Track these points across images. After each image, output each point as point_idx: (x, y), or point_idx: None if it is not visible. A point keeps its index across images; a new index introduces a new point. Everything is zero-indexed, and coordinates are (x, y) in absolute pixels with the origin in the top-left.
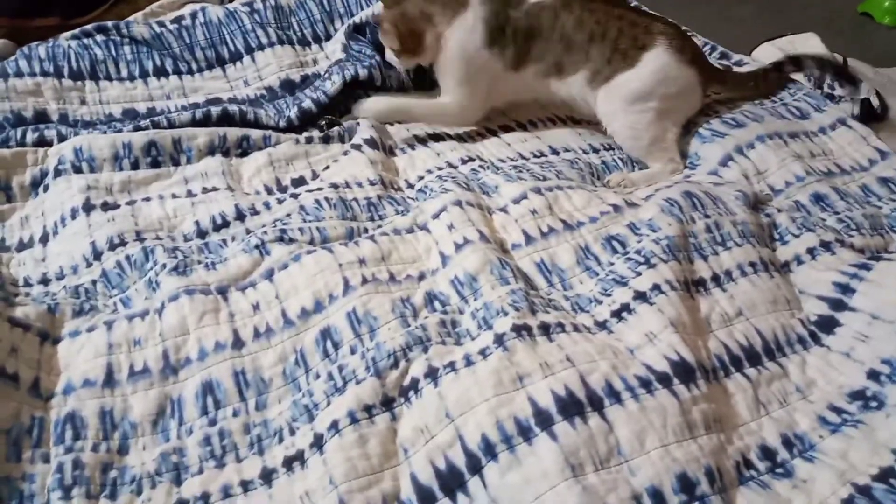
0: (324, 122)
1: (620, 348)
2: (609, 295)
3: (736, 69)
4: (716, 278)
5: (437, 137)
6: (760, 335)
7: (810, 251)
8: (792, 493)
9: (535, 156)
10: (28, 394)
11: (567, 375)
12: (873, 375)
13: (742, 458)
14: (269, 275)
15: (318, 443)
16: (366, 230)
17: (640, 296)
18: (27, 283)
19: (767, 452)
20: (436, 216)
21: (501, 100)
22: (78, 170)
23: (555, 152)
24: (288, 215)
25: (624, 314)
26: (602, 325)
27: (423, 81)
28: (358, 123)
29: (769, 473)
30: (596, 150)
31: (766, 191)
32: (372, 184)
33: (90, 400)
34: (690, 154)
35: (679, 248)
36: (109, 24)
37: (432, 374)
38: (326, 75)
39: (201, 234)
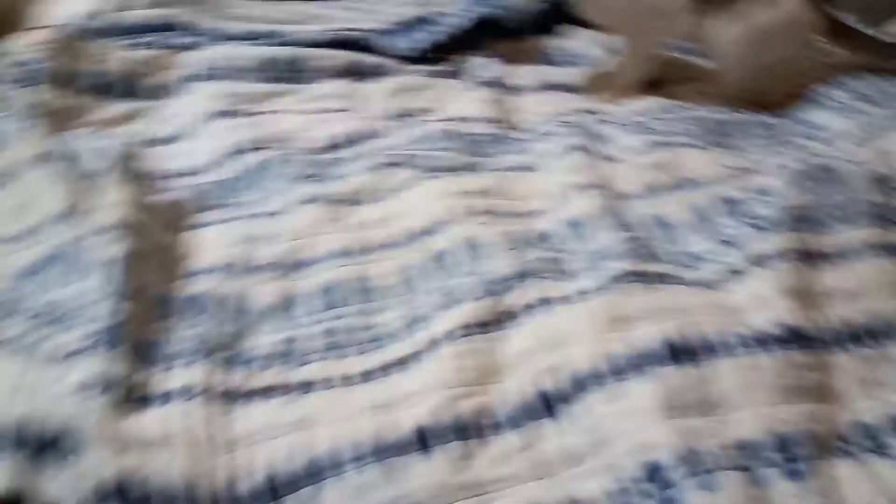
0: (449, 58)
1: (731, 307)
2: (723, 256)
3: None
4: (838, 254)
5: (562, 86)
6: (877, 316)
7: None
8: (892, 473)
9: (657, 111)
10: (169, 269)
11: (676, 323)
12: None
13: (842, 431)
14: (390, 194)
15: (426, 350)
16: (482, 165)
17: (756, 260)
18: (165, 176)
19: (869, 431)
20: (554, 157)
21: None
22: (217, 77)
23: (678, 109)
24: (410, 142)
25: (737, 276)
26: (713, 285)
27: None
28: (484, 61)
29: (868, 451)
30: (721, 111)
31: None
32: (491, 121)
33: (220, 284)
34: (821, 126)
35: (801, 219)
36: None
37: (540, 304)
38: (459, 11)
39: (327, 149)
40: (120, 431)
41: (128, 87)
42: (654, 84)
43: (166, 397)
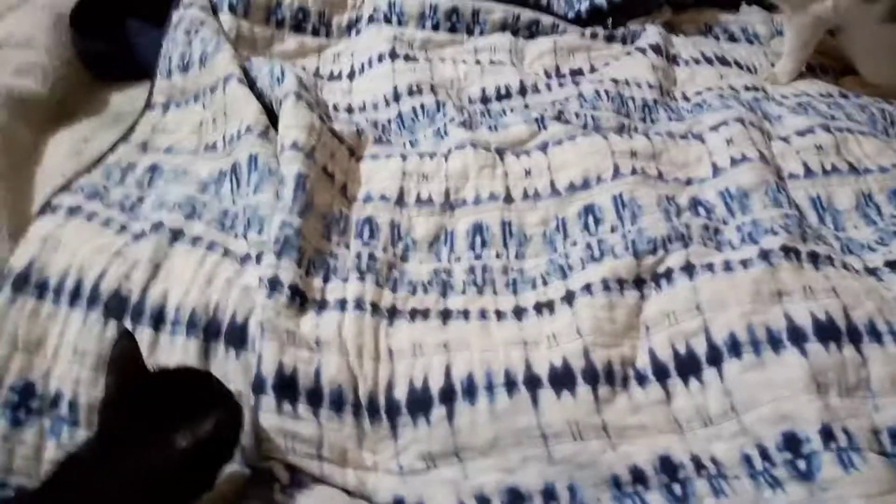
0: (609, 22)
1: (888, 296)
2: (885, 245)
3: None
4: None
5: (724, 61)
6: None
7: None
8: None
9: (822, 95)
10: (339, 192)
11: (830, 303)
12: None
13: None
14: (544, 147)
15: (569, 298)
16: (637, 128)
17: None
18: (335, 109)
19: None
20: (714, 128)
21: None
22: (388, 20)
23: (844, 96)
24: (566, 99)
25: None
26: (871, 272)
27: None
28: (644, 28)
29: None
30: (889, 102)
31: None
32: (650, 87)
33: (384, 212)
34: None
35: None
36: None
37: (689, 268)
38: None
39: (485, 99)
40: (290, 329)
41: (320, 22)
42: (817, 70)
43: (335, 305)
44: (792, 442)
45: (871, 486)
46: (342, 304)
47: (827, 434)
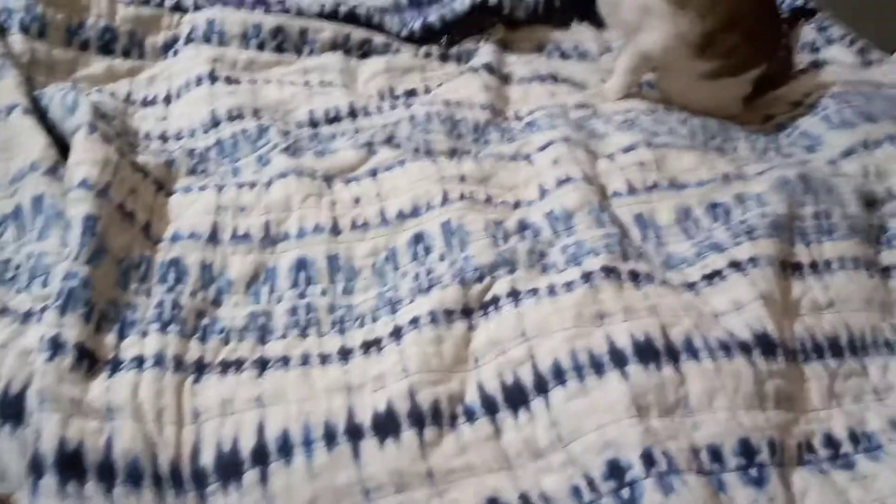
0: (444, 41)
1: (705, 311)
2: (703, 259)
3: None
4: (814, 265)
5: (556, 78)
6: (848, 329)
7: None
8: (850, 485)
9: (648, 112)
10: (140, 233)
11: (648, 323)
12: None
13: (806, 441)
14: (373, 173)
15: (396, 334)
16: (468, 151)
17: (735, 265)
18: (147, 137)
19: (831, 442)
20: (541, 149)
21: None
22: (208, 40)
23: (668, 111)
24: (397, 122)
25: (715, 279)
26: (690, 287)
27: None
28: (478, 47)
29: (829, 462)
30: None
31: (884, 193)
32: (482, 108)
33: (193, 251)
34: (814, 136)
35: (783, 228)
36: None
37: (514, 295)
38: None
39: (313, 123)
40: (75, 397)
41: (131, 43)
42: (643, 86)
43: (131, 363)
44: (615, 469)
45: None
46: (140, 361)
47: (648, 458)
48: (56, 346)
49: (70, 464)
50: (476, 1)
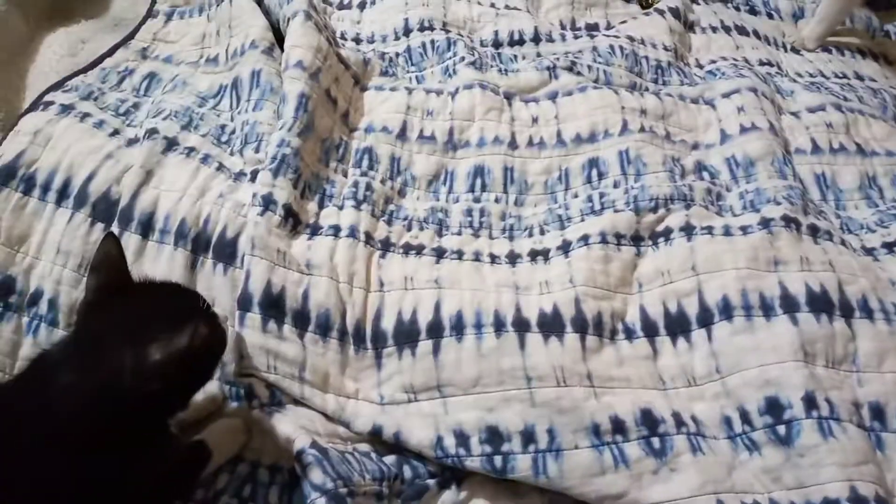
0: None
1: (883, 276)
2: (885, 227)
3: None
4: None
5: (742, 31)
6: None
7: None
8: None
9: (836, 76)
10: (340, 119)
11: (825, 276)
12: None
13: None
14: (553, 96)
15: (565, 248)
16: (647, 88)
17: None
18: (343, 37)
19: None
20: (726, 95)
21: None
22: None
23: (859, 78)
24: (580, 51)
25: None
26: (868, 252)
27: None
28: None
29: None
30: None
31: None
32: (666, 49)
33: (385, 144)
34: None
35: None
36: None
37: (688, 229)
38: None
39: (497, 43)
40: (280, 249)
41: None
42: (833, 50)
43: (329, 230)
44: (774, 407)
45: (848, 456)
46: (336, 230)
47: (810, 402)
48: (268, 202)
49: (273, 305)
50: None
